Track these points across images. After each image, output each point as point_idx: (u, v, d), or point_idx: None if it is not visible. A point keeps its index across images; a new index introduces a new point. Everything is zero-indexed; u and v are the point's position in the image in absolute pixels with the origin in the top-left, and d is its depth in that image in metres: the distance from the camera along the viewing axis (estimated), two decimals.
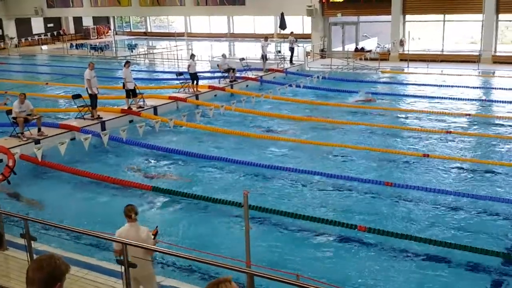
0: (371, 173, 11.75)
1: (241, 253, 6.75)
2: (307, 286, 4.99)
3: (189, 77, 20.39)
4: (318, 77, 22.23)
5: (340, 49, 31.37)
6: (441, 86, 21.67)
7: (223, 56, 23.60)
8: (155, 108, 18.10)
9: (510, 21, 29.07)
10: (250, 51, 26.39)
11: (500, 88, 21.07)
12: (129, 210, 6.20)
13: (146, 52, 34.98)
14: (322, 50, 30.88)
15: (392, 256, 8.23)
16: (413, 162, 12.45)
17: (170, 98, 19.43)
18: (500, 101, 18.53)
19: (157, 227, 6.49)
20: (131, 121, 16.78)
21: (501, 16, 27.53)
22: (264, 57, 24.96)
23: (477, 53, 27.20)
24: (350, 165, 12.38)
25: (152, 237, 6.28)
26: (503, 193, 10.46)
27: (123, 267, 6.03)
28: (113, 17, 49.22)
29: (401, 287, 7.40)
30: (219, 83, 22.54)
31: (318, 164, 12.34)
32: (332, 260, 8.20)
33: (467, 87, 21.31)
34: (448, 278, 7.59)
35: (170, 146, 14.23)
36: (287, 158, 13.10)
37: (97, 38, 46.57)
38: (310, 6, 30.44)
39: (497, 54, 27.44)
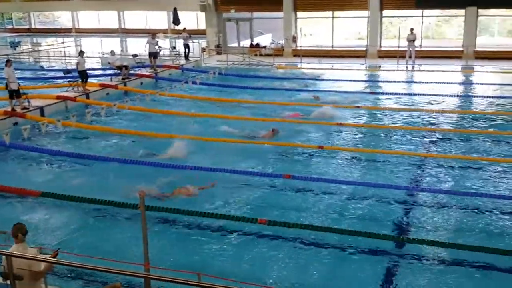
0: (269, 167, 11.80)
1: (140, 256, 6.43)
2: (208, 285, 4.81)
3: (78, 75, 19.36)
4: (214, 73, 22.11)
5: (235, 45, 31.50)
6: (334, 80, 22.41)
7: (112, 52, 22.68)
8: (41, 109, 16.93)
9: (393, 17, 30.86)
10: (143, 47, 25.54)
11: (386, 81, 22.25)
12: (16, 229, 5.66)
13: (30, 50, 32.80)
14: (217, 46, 30.82)
15: (294, 247, 8.27)
16: (310, 154, 12.68)
17: (58, 97, 18.27)
18: (386, 93, 19.55)
19: (58, 249, 5.96)
20: (15, 124, 15.57)
21: (385, 13, 29.14)
22: (152, 55, 23.88)
23: (364, 48, 28.57)
24: (249, 160, 12.31)
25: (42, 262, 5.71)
26: (393, 180, 10.96)
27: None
28: None
29: (305, 277, 7.43)
30: (111, 80, 21.61)
31: (218, 160, 12.14)
32: (235, 255, 8.08)
33: (356, 80, 22.27)
34: (350, 264, 7.80)
35: (59, 148, 13.37)
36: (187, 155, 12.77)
37: None
38: (203, 2, 30.26)
39: (382, 48, 28.99)
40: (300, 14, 30.54)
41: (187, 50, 27.28)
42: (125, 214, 9.47)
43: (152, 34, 24.78)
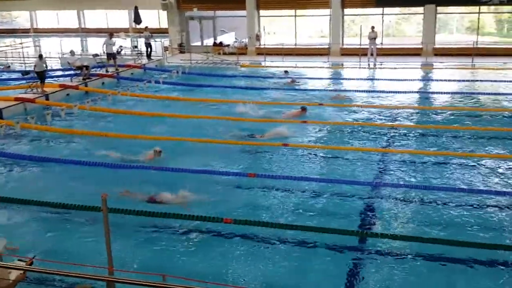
0: (233, 166, 11.75)
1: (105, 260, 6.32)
2: (172, 286, 4.74)
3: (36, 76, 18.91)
4: (178, 72, 21.93)
5: (199, 43, 31.33)
6: (301, 78, 22.57)
7: (71, 52, 22.23)
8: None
9: (354, 15, 31.25)
10: (101, 48, 25.14)
11: (349, 79, 22.52)
12: None
13: None
14: (180, 45, 30.59)
15: (260, 245, 8.25)
16: (274, 152, 12.69)
17: (16, 99, 17.76)
18: (349, 90, 19.77)
19: (34, 256, 5.77)
20: None
21: (347, 11, 29.49)
22: (111, 56, 23.40)
23: (327, 46, 28.84)
24: (212, 159, 12.22)
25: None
26: (357, 176, 11.09)
27: None
28: None
29: (270, 275, 7.42)
30: (71, 81, 21.15)
31: (183, 159, 12.04)
32: (201, 255, 8.01)
33: (319, 78, 22.47)
34: (315, 260, 7.82)
35: (18, 151, 13.00)
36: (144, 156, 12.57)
37: None
38: (165, 0, 29.94)
39: (345, 46, 29.32)
40: (263, 12, 30.60)
41: (149, 49, 26.99)
42: (86, 217, 9.26)
43: (109, 34, 24.21)
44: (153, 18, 39.09)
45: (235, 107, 16.95)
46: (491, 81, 20.91)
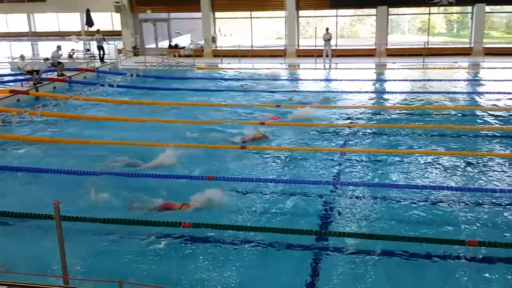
0: (194, 169, 11.58)
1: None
2: None
3: None
4: (132, 75, 21.55)
5: (153, 46, 30.93)
6: (257, 80, 22.57)
7: (21, 57, 21.54)
8: None
9: (309, 17, 31.55)
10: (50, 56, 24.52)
11: (305, 80, 22.68)
12: None
13: None
14: (134, 48, 30.11)
15: (220, 248, 8.16)
16: (233, 154, 12.59)
17: None
18: (306, 91, 19.90)
19: None
20: None
21: (301, 13, 29.72)
22: (58, 64, 22.91)
23: (283, 48, 29.01)
24: (175, 162, 12.01)
25: None
26: (314, 176, 11.12)
27: None
28: None
29: (231, 278, 7.33)
30: (22, 86, 20.46)
31: (141, 165, 11.80)
32: (158, 261, 7.84)
33: (277, 79, 22.54)
34: (276, 261, 7.78)
35: None
36: (99, 162, 12.26)
37: None
38: (117, 2, 29.45)
39: (300, 48, 29.54)
40: (218, 14, 30.49)
41: (101, 52, 26.45)
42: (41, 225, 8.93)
43: (57, 46, 23.62)
44: (106, 20, 38.39)
45: (193, 109, 16.79)
46: (442, 80, 21.47)
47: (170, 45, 31.14)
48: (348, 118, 15.98)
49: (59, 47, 23.24)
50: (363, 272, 7.40)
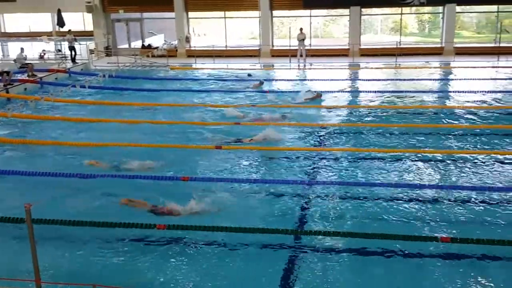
0: (168, 170, 11.46)
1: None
2: None
3: None
4: (104, 75, 21.25)
5: (126, 46, 30.62)
6: (233, 80, 22.52)
7: None
8: None
9: (283, 17, 31.63)
10: (26, 51, 24.03)
11: (279, 80, 22.73)
12: None
13: None
14: (107, 48, 29.75)
15: (196, 250, 8.09)
16: (207, 155, 12.52)
17: None
18: (281, 91, 19.93)
19: None
20: None
21: (275, 13, 29.77)
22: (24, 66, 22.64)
23: (257, 48, 29.02)
24: (150, 163, 11.87)
25: None
26: (290, 175, 11.13)
27: None
28: None
29: (206, 279, 7.27)
30: None
31: (115, 166, 11.63)
32: (133, 263, 7.73)
33: (252, 80, 22.52)
34: (251, 261, 7.75)
35: None
36: (72, 163, 12.07)
37: None
38: (89, 2, 29.06)
39: (275, 48, 29.60)
40: (192, 14, 30.34)
41: (73, 52, 26.08)
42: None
43: (20, 49, 23.45)
44: (77, 20, 37.87)
45: (167, 110, 16.67)
46: (414, 79, 21.75)
47: (143, 45, 30.86)
48: (323, 117, 16.05)
49: (22, 49, 23.27)
50: (338, 271, 7.43)
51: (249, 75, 20.49)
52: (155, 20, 32.11)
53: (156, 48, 28.41)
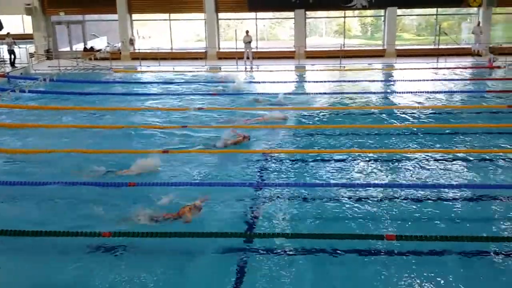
0: (113, 176, 11.15)
1: None
2: None
3: None
4: (45, 79, 20.54)
5: (68, 49, 29.76)
6: (178, 83, 22.28)
7: None
8: None
9: (229, 19, 31.60)
10: None
11: (228, 82, 22.64)
12: None
13: None
14: (47, 51, 28.80)
15: (143, 256, 7.90)
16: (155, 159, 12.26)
17: None
18: (228, 94, 19.86)
19: None
20: None
21: (221, 15, 29.71)
22: None
23: (203, 50, 28.84)
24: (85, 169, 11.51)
25: None
26: (239, 178, 11.07)
27: None
28: None
29: (152, 286, 7.11)
30: None
31: (50, 170, 11.20)
32: (77, 272, 7.47)
33: (198, 82, 22.37)
34: (201, 267, 7.64)
35: None
36: (16, 171, 11.56)
37: None
38: (28, 5, 28.07)
39: (221, 50, 29.52)
40: (135, 16, 29.82)
41: (12, 56, 25.10)
42: None
43: None
44: (17, 23, 36.48)
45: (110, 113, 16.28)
46: (358, 81, 22.20)
47: (85, 48, 30.06)
48: (270, 119, 16.09)
49: None
50: (289, 272, 7.42)
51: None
52: (98, 22, 31.35)
53: (99, 50, 27.78)
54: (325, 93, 19.85)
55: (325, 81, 22.60)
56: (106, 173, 11.22)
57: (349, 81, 22.37)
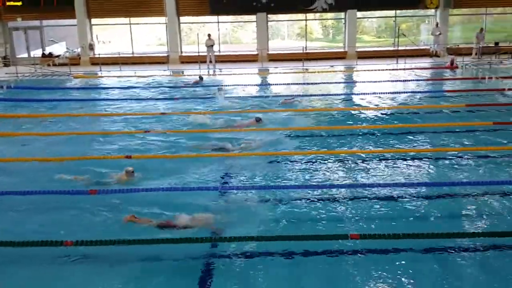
0: (75, 183, 10.90)
1: None
2: None
3: None
4: (2, 87, 20.05)
5: (25, 55, 29.05)
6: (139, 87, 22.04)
7: None
8: None
9: (191, 23, 31.44)
10: None
11: (190, 86, 22.53)
12: None
13: None
14: (4, 58, 28.05)
15: (104, 265, 7.75)
16: (116, 166, 12.05)
17: None
18: (190, 98, 19.74)
19: None
20: None
21: (182, 19, 29.53)
22: None
23: (165, 54, 28.60)
24: (47, 178, 11.23)
25: None
26: (203, 182, 10.99)
27: None
28: None
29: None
30: None
31: (12, 180, 10.89)
32: (43, 280, 7.30)
33: (161, 87, 22.16)
34: (164, 274, 7.51)
35: None
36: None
37: None
38: None
39: (184, 54, 29.33)
40: (94, 20, 29.34)
41: None
42: None
43: None
44: None
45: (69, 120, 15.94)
46: (320, 83, 22.41)
47: (43, 53, 29.42)
48: (233, 123, 16.06)
49: None
50: (253, 274, 7.40)
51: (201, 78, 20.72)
52: (56, 28, 30.71)
53: (58, 56, 27.23)
54: (288, 95, 19.95)
55: (288, 84, 22.74)
56: (70, 181, 10.99)
57: (311, 83, 22.55)
